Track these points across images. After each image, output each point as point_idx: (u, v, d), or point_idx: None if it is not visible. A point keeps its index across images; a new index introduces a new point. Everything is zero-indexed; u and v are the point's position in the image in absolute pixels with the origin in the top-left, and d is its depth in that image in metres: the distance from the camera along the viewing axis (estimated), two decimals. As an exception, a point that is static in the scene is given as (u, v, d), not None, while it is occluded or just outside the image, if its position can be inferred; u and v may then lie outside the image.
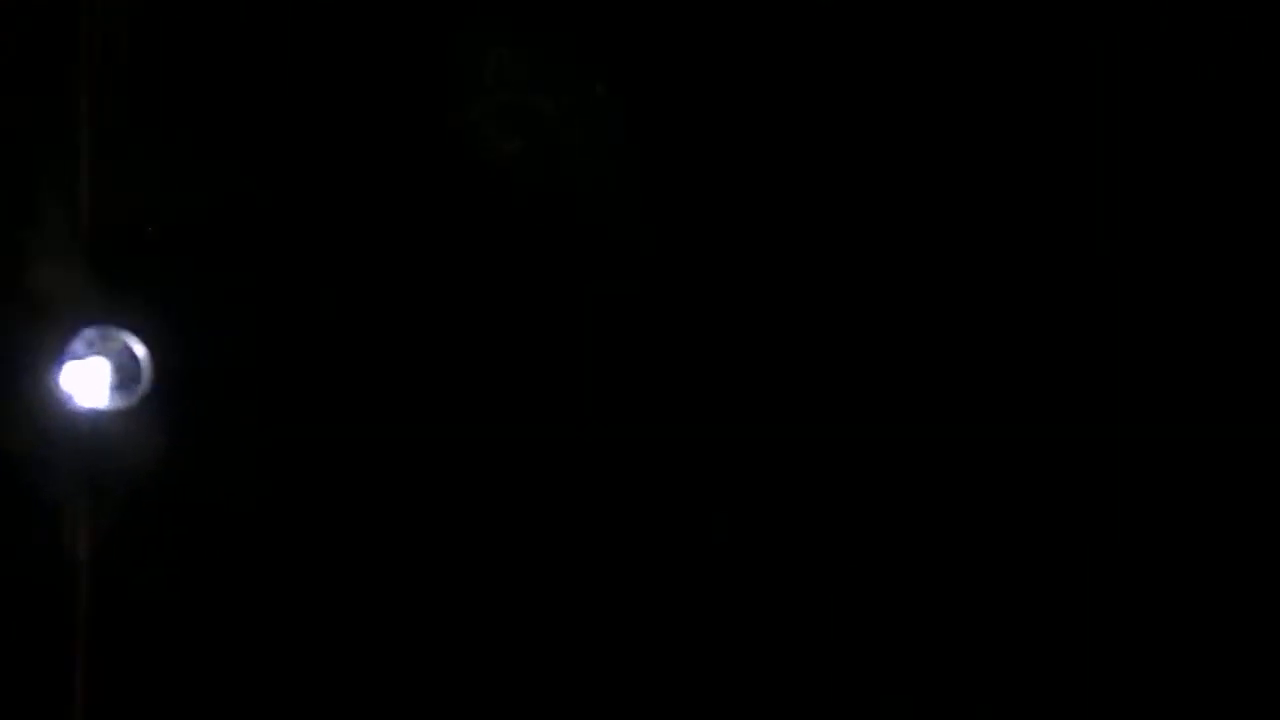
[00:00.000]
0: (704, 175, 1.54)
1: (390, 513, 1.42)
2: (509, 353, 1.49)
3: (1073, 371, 1.55)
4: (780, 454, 1.56)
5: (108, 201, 1.36)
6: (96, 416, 1.26)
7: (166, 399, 1.30)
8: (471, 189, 1.52)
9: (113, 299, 1.28)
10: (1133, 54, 1.56)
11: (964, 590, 1.53)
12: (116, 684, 1.36)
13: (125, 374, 1.26)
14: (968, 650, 1.51)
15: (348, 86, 1.52)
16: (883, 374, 1.56)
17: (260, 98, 1.47)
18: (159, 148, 1.43)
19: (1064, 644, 1.52)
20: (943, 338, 1.57)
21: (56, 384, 1.25)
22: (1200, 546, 1.53)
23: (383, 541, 1.42)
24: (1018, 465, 1.54)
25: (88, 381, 1.25)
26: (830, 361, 1.57)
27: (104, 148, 1.38)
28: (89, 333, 1.25)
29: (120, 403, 1.26)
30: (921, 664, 1.52)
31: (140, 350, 1.26)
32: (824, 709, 1.53)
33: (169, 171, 1.42)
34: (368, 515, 1.41)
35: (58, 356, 1.25)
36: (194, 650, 1.37)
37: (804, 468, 1.55)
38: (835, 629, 1.53)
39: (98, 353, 1.25)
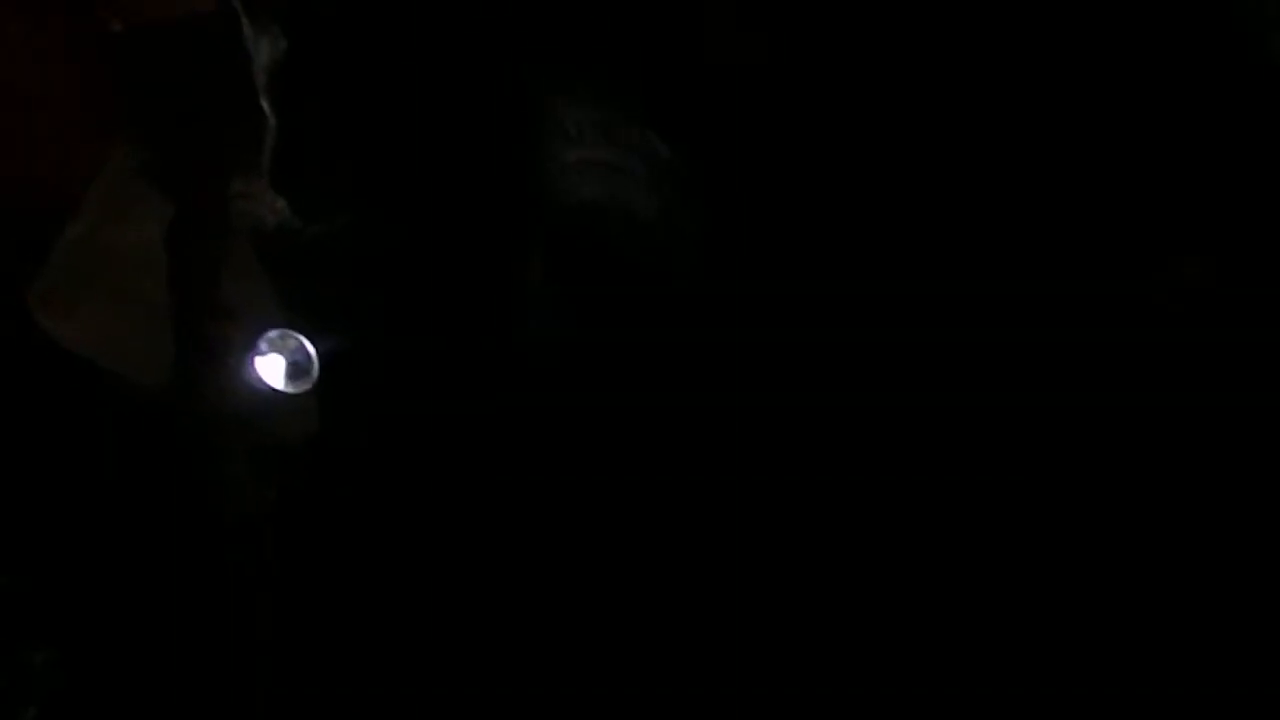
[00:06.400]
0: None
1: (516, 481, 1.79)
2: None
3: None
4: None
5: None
6: (277, 397, 1.65)
7: (328, 386, 1.68)
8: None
9: (291, 311, 1.67)
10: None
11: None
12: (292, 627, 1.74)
13: (299, 367, 1.64)
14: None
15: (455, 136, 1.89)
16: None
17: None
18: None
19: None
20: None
21: (249, 373, 1.64)
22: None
23: (514, 506, 1.79)
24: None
25: (272, 371, 1.64)
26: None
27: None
28: (272, 335, 1.64)
29: (294, 388, 1.64)
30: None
31: (310, 349, 1.65)
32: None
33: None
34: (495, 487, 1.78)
35: (249, 352, 1.63)
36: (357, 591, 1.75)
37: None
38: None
39: (279, 350, 1.64)
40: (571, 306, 1.83)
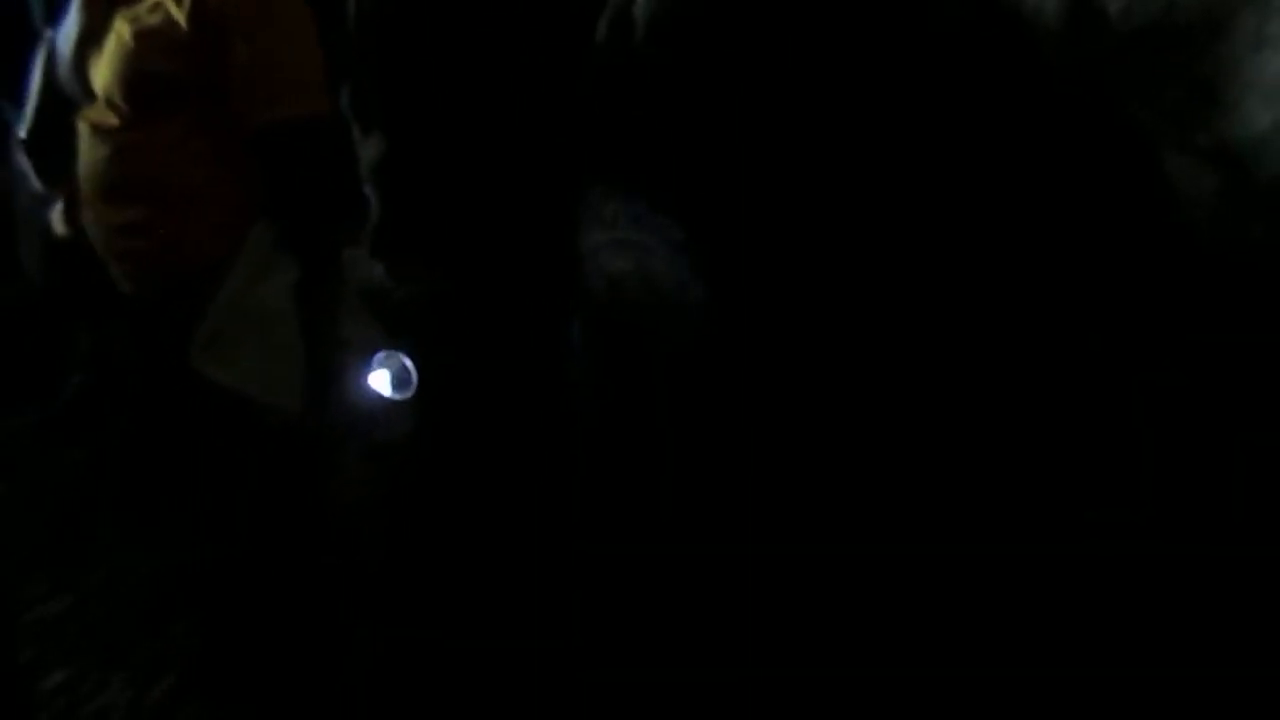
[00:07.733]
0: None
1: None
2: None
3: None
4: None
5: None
6: (386, 403, 2.09)
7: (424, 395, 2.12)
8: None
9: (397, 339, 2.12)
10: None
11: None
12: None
13: (402, 380, 2.08)
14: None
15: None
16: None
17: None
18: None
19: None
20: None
21: (363, 385, 2.07)
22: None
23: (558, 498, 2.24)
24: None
25: (380, 382, 2.08)
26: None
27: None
28: (381, 354, 2.08)
29: (399, 395, 2.08)
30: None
31: (410, 366, 2.08)
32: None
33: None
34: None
35: (364, 367, 2.07)
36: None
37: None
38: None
39: (387, 366, 2.07)
40: (602, 349, 2.28)
